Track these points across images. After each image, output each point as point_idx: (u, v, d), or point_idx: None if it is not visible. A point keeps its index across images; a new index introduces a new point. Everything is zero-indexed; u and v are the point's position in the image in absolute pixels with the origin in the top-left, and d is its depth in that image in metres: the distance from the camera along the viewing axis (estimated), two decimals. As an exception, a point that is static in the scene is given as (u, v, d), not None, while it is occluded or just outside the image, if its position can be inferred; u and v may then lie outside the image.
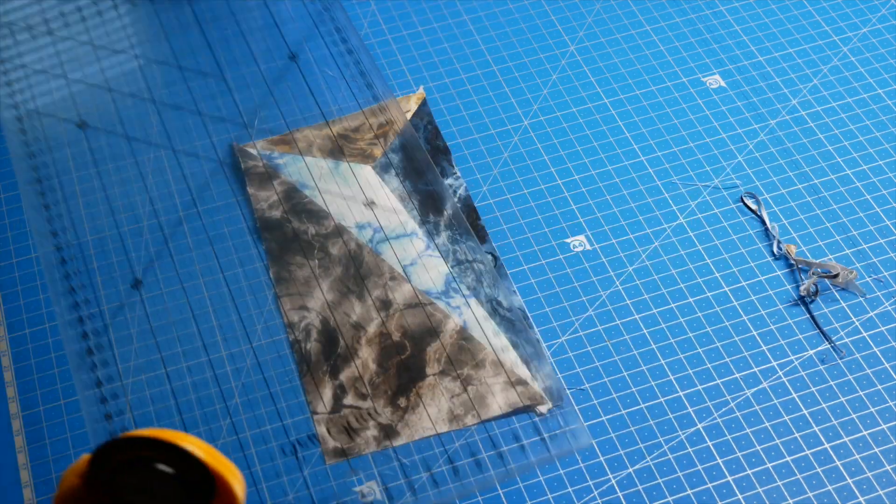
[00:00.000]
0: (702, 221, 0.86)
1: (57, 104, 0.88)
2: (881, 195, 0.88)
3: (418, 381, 0.77)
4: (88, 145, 0.86)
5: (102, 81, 0.90)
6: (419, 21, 1.01)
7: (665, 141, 0.92)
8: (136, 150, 0.87)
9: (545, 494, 0.72)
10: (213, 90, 0.92)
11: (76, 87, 0.90)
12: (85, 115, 0.89)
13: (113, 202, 0.84)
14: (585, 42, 0.99)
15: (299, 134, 0.92)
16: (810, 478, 0.72)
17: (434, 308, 0.81)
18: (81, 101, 0.89)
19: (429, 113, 0.93)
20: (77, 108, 0.88)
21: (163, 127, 0.89)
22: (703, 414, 0.76)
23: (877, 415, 0.75)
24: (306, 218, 0.86)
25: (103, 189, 0.85)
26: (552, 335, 0.80)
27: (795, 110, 0.94)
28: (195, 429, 0.75)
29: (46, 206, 0.83)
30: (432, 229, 0.86)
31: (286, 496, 0.72)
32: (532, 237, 0.86)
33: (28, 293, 0.83)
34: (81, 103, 0.89)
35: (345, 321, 0.80)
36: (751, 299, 0.82)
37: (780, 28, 1.00)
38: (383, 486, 0.73)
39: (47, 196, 0.84)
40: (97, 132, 0.88)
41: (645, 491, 0.72)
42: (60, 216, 0.83)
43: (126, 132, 0.87)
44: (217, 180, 0.86)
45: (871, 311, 0.81)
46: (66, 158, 0.85)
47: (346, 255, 0.84)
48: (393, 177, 0.89)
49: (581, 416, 0.76)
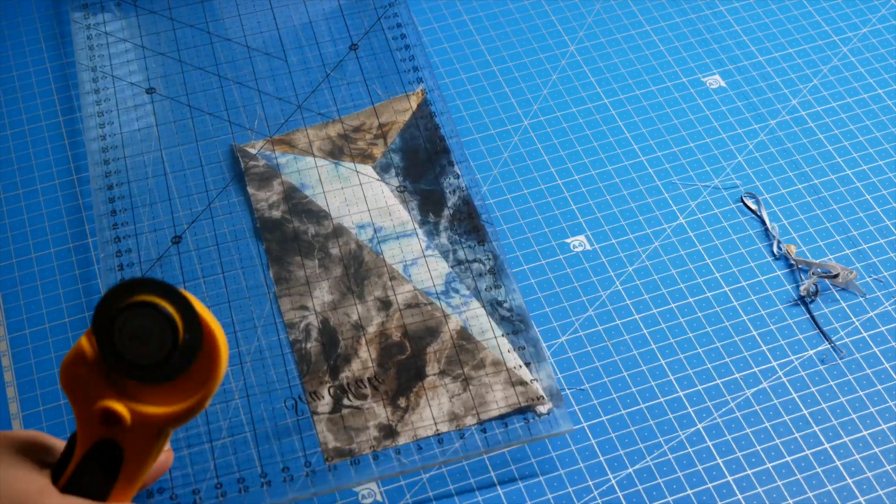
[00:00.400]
0: (702, 221, 0.86)
1: (131, 71, 0.95)
2: (881, 195, 0.88)
3: (418, 381, 0.77)
4: (154, 109, 0.92)
5: (174, 52, 0.96)
6: (419, 21, 1.01)
7: (665, 141, 0.92)
8: (196, 120, 0.92)
9: (545, 494, 0.72)
10: (276, 70, 0.96)
11: (149, 55, 0.96)
12: (154, 83, 0.94)
13: (168, 163, 0.89)
14: (585, 42, 1.00)
15: (299, 134, 0.92)
16: (810, 478, 0.72)
17: (434, 308, 0.81)
18: (152, 69, 0.95)
19: (429, 112, 0.93)
20: (147, 75, 0.95)
21: (223, 100, 0.94)
22: (703, 414, 0.76)
23: (877, 415, 0.75)
24: (306, 218, 0.86)
25: (160, 150, 0.90)
26: (552, 335, 0.80)
27: (795, 110, 0.94)
28: (195, 429, 0.75)
29: (106, 162, 0.88)
30: (432, 229, 0.86)
31: (286, 496, 0.72)
32: (532, 237, 0.86)
33: (28, 293, 0.83)
34: (152, 70, 0.95)
35: (345, 321, 0.80)
36: (751, 299, 0.82)
37: (780, 28, 1.00)
38: (383, 486, 0.73)
39: (108, 153, 0.89)
40: (163, 99, 0.93)
41: (645, 491, 0.72)
42: (118, 171, 0.88)
43: (189, 101, 0.93)
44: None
45: (871, 311, 0.81)
46: (132, 121, 0.92)
47: (346, 255, 0.84)
48: (393, 177, 0.89)
49: (580, 414, 0.76)
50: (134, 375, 0.54)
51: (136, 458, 0.55)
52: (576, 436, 0.75)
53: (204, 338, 0.54)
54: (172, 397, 0.54)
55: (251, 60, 0.97)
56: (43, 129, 0.93)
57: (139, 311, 0.53)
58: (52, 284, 0.83)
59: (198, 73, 0.96)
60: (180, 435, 0.74)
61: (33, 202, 0.88)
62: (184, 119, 0.92)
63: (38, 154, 0.92)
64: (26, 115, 0.95)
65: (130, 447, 0.55)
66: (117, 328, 0.53)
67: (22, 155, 0.92)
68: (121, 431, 0.55)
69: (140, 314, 0.53)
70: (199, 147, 0.90)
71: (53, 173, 0.90)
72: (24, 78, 0.97)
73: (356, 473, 0.73)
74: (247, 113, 0.93)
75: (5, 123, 0.94)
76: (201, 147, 0.90)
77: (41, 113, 0.95)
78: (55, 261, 0.85)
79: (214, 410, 0.76)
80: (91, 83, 0.94)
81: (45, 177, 0.90)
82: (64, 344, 0.80)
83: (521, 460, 0.73)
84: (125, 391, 0.55)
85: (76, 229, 0.86)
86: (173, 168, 0.89)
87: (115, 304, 0.53)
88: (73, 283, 0.83)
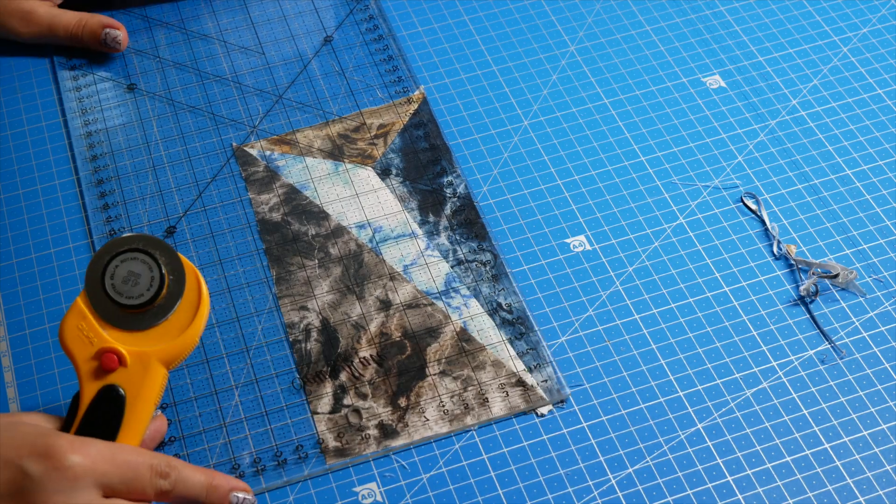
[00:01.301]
0: (702, 221, 0.86)
1: (110, 67, 0.97)
2: (881, 195, 0.88)
3: (418, 381, 0.77)
4: (136, 107, 0.94)
5: (152, 49, 0.99)
6: (419, 21, 1.01)
7: (665, 141, 0.92)
8: (180, 114, 0.93)
9: (545, 494, 0.72)
10: (254, 65, 0.98)
11: (127, 52, 0.98)
12: (134, 79, 0.96)
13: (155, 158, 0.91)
14: (585, 42, 1.00)
15: (299, 134, 0.92)
16: (810, 478, 0.72)
17: (434, 308, 0.81)
18: (131, 65, 0.97)
19: (429, 112, 0.93)
20: (128, 72, 0.97)
21: (205, 94, 0.95)
22: (703, 414, 0.76)
23: (877, 415, 0.75)
24: (306, 219, 0.86)
25: (147, 145, 0.91)
26: (552, 335, 0.80)
27: (795, 110, 0.94)
28: (195, 429, 0.75)
29: (94, 157, 0.90)
30: (432, 229, 0.86)
31: (287, 497, 0.72)
32: (532, 237, 0.86)
33: (28, 293, 0.83)
34: (131, 66, 0.97)
35: (345, 321, 0.80)
36: (751, 299, 0.82)
37: (780, 28, 1.00)
38: (383, 486, 0.73)
39: (95, 149, 0.91)
40: (143, 94, 0.95)
41: (645, 491, 0.72)
42: (107, 166, 0.90)
43: (171, 97, 0.95)
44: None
45: (871, 311, 0.81)
46: (114, 117, 0.93)
47: (346, 255, 0.84)
48: (393, 177, 0.89)
49: (580, 414, 0.76)
50: (127, 324, 0.62)
51: (139, 399, 0.62)
52: (576, 436, 0.75)
53: (186, 278, 0.63)
54: (165, 338, 0.62)
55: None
56: (43, 129, 0.93)
57: (128, 257, 0.62)
58: (52, 284, 0.83)
59: (176, 70, 0.97)
60: (181, 434, 0.74)
61: (33, 202, 0.88)
62: (165, 114, 0.94)
63: (38, 154, 0.92)
64: (26, 115, 0.95)
65: (131, 388, 0.62)
66: (108, 275, 0.62)
67: (22, 155, 0.92)
68: (122, 375, 0.62)
69: (129, 259, 0.62)
70: (185, 140, 0.92)
71: (53, 173, 0.90)
72: (24, 78, 0.97)
73: (356, 473, 0.73)
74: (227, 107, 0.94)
75: (5, 123, 0.94)
76: (186, 140, 0.92)
77: (41, 113, 0.95)
78: (55, 261, 0.85)
79: (214, 414, 0.76)
80: (72, 81, 0.95)
81: (45, 177, 0.90)
82: (64, 344, 0.80)
83: (521, 460, 0.73)
84: (121, 340, 0.62)
85: (76, 229, 0.86)
86: (160, 162, 0.90)
87: (106, 255, 0.62)
88: (73, 283, 0.83)
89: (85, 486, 0.57)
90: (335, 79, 0.96)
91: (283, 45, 0.99)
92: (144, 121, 0.93)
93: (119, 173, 0.89)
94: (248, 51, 0.98)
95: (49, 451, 0.57)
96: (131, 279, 0.62)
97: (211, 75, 0.97)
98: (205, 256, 0.84)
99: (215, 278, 0.83)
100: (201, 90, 0.95)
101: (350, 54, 0.98)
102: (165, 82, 0.96)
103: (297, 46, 0.99)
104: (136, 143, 0.92)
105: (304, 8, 1.02)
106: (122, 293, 0.62)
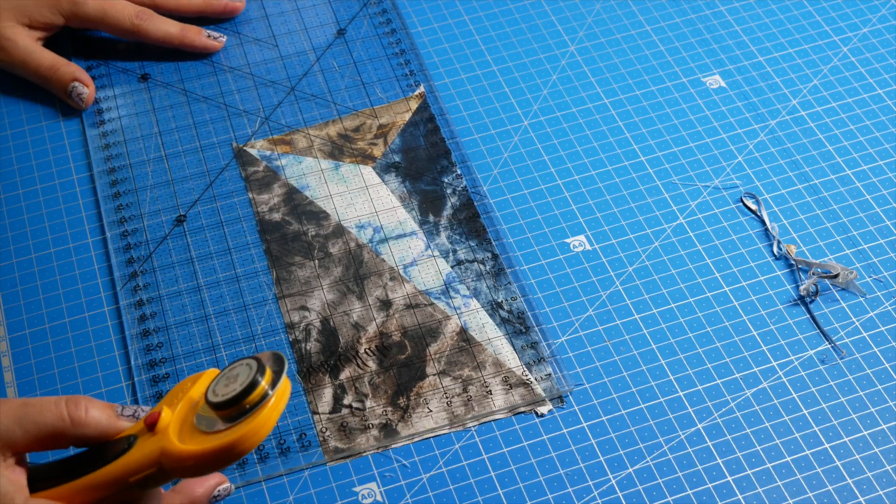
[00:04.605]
0: (702, 221, 0.86)
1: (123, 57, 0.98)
2: (881, 195, 0.88)
3: (418, 381, 0.77)
4: (149, 95, 0.94)
5: None
6: (419, 21, 1.01)
7: (665, 141, 0.92)
8: (192, 103, 0.93)
9: (545, 494, 0.72)
10: (267, 57, 0.98)
11: (141, 44, 0.98)
12: (148, 69, 0.97)
13: (166, 147, 0.91)
14: (585, 42, 1.00)
15: (299, 134, 0.92)
16: (810, 478, 0.72)
17: (434, 308, 0.81)
18: (146, 55, 0.98)
19: (429, 112, 0.93)
20: (141, 62, 0.97)
21: (218, 85, 0.95)
22: (703, 414, 0.76)
23: (877, 415, 0.75)
24: (306, 219, 0.86)
25: (159, 135, 0.92)
26: (552, 335, 0.80)
27: (795, 110, 0.94)
28: (195, 429, 0.75)
29: (106, 146, 0.91)
30: (432, 229, 0.86)
31: (287, 497, 0.72)
32: (532, 237, 0.86)
33: (28, 293, 0.83)
34: (146, 56, 0.98)
35: (345, 321, 0.80)
36: (751, 299, 0.82)
37: (780, 28, 1.00)
38: (383, 486, 0.73)
39: (108, 137, 0.92)
40: (157, 84, 0.95)
41: (645, 491, 0.72)
42: (119, 155, 0.90)
43: (185, 87, 0.95)
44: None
45: (871, 311, 0.81)
46: (129, 105, 0.94)
47: (346, 255, 0.84)
48: (393, 177, 0.89)
49: (580, 414, 0.76)
50: (200, 420, 0.56)
51: (135, 467, 0.56)
52: (576, 436, 0.75)
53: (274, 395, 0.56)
54: (192, 442, 0.56)
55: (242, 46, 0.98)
56: (43, 129, 0.93)
57: (245, 362, 0.57)
58: (52, 284, 0.83)
59: (190, 61, 0.98)
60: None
61: (33, 202, 0.88)
62: (178, 104, 0.94)
63: (38, 154, 0.92)
64: (26, 114, 0.95)
65: (140, 449, 0.56)
66: (224, 374, 0.56)
67: (22, 155, 0.92)
68: (144, 435, 0.57)
69: (244, 364, 0.56)
70: (197, 132, 0.92)
71: (54, 173, 0.90)
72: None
73: (356, 473, 0.73)
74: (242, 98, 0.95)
75: (5, 123, 0.94)
76: (199, 132, 0.92)
77: (41, 113, 0.95)
78: (55, 261, 0.85)
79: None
80: (86, 70, 0.96)
81: (46, 177, 0.90)
82: (64, 344, 0.80)
83: (522, 460, 0.73)
84: (182, 430, 0.57)
85: (76, 229, 0.86)
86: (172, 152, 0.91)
87: None
88: (73, 283, 0.83)
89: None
90: (347, 72, 0.96)
91: (296, 38, 0.99)
92: (157, 110, 0.94)
93: (131, 160, 0.90)
94: (262, 42, 0.99)
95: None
96: (231, 379, 0.56)
97: (225, 66, 0.97)
98: (216, 243, 0.84)
99: (217, 273, 0.83)
100: (214, 83, 0.96)
101: (364, 47, 0.98)
102: (178, 72, 0.97)
103: (311, 39, 0.99)
104: (148, 131, 0.92)
105: (317, 1, 1.02)
106: (217, 390, 0.55)
